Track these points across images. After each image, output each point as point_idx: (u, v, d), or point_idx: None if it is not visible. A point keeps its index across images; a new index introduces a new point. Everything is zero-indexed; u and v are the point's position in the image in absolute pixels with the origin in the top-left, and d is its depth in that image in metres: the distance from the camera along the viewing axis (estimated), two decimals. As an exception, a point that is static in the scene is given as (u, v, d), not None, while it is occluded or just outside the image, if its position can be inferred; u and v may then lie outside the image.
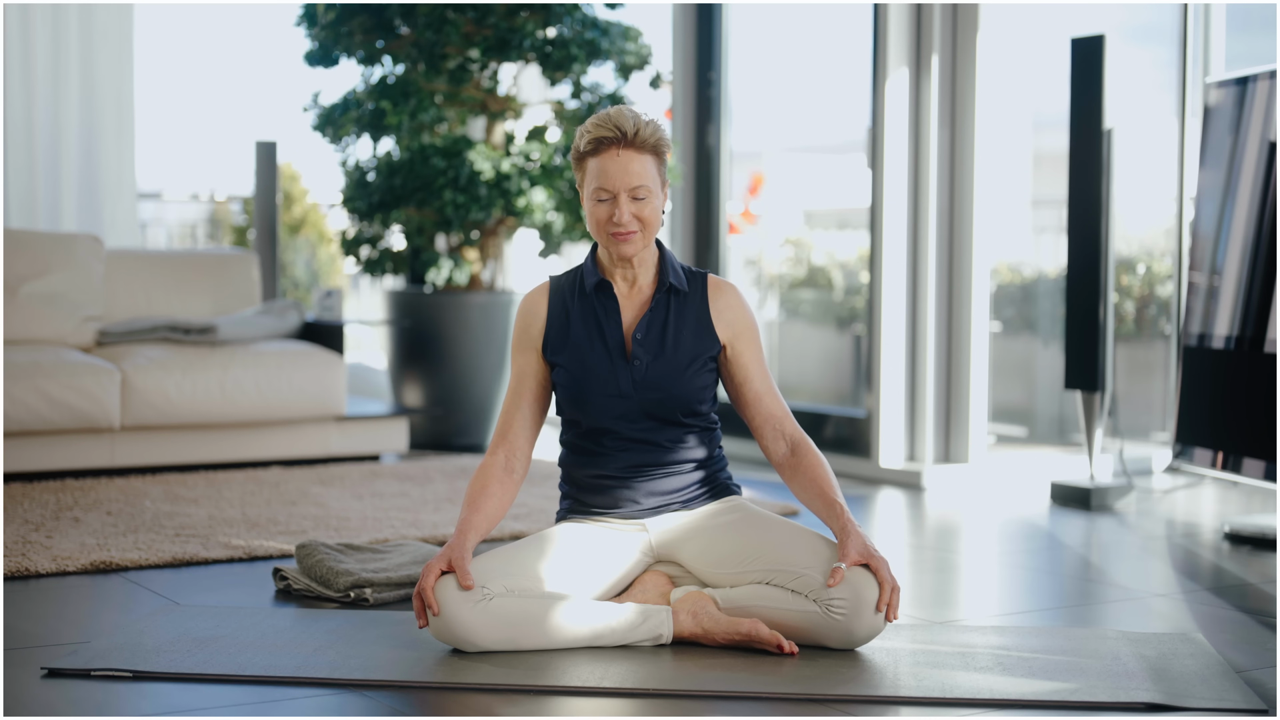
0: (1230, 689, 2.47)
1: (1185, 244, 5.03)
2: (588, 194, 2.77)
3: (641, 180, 2.71)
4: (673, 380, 2.78)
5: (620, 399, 2.77)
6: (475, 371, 5.71)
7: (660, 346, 2.79)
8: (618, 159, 2.71)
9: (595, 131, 2.73)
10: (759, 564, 2.72)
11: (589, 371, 2.78)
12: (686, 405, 2.79)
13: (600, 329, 2.80)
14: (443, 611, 2.58)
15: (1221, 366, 4.16)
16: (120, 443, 4.87)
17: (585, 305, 2.82)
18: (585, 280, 2.83)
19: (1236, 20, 5.14)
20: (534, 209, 5.57)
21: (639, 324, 2.79)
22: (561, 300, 2.83)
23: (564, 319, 2.82)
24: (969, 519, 4.42)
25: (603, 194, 2.73)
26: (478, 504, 2.74)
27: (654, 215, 2.74)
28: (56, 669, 2.51)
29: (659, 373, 2.78)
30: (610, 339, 2.79)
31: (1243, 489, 4.87)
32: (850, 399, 5.93)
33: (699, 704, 2.40)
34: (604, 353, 2.78)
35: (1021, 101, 5.90)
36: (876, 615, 2.62)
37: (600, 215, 2.74)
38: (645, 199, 2.73)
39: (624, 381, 2.77)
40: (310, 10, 5.82)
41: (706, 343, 2.81)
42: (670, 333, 2.80)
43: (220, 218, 8.26)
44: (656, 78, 5.88)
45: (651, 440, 2.80)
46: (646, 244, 2.77)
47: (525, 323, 2.84)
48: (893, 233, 5.16)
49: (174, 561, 3.50)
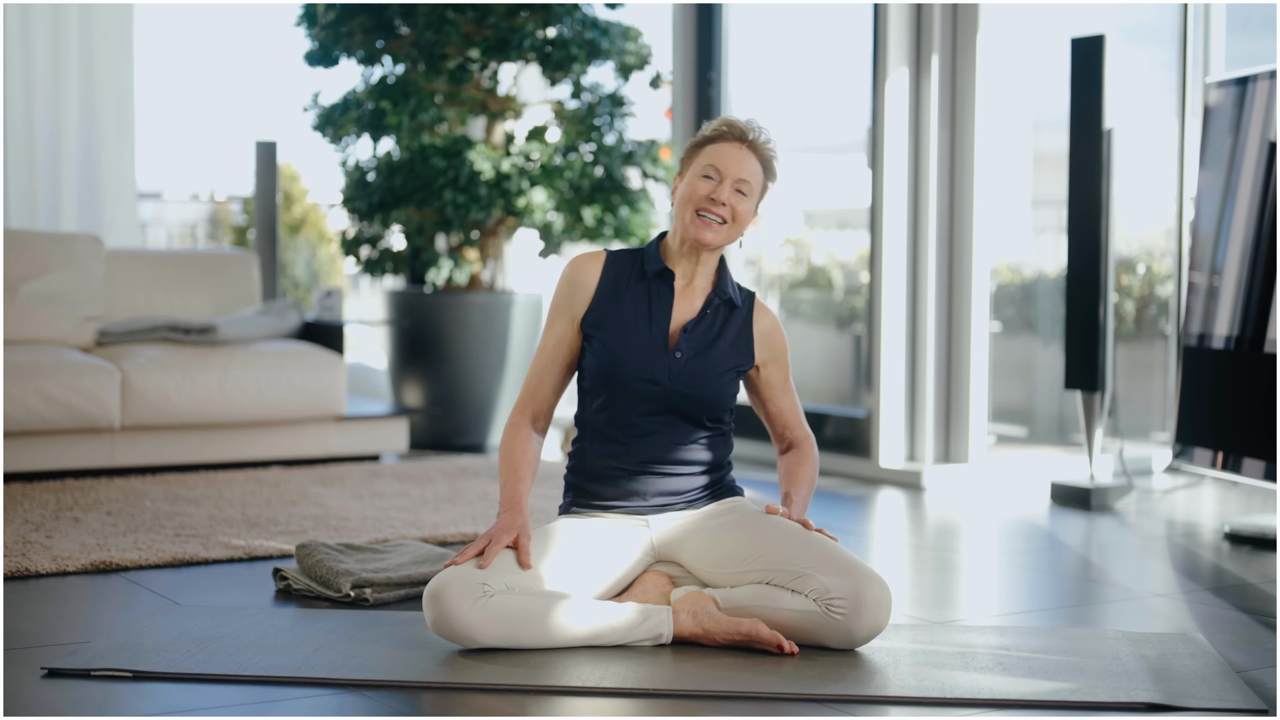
0: (1230, 689, 2.47)
1: (1185, 244, 5.03)
2: (693, 173, 2.82)
3: (750, 177, 2.81)
4: (706, 381, 2.84)
5: (652, 384, 2.82)
6: (475, 371, 5.71)
7: (702, 347, 2.86)
8: (738, 150, 2.81)
9: (724, 122, 2.84)
10: (759, 564, 2.72)
11: (629, 352, 2.82)
12: (713, 409, 2.86)
13: (649, 314, 2.85)
14: (444, 608, 2.59)
15: (1221, 366, 4.16)
16: (120, 443, 4.87)
17: (639, 288, 2.87)
18: (646, 264, 2.87)
19: (1236, 20, 5.14)
20: (534, 209, 5.57)
21: (692, 320, 2.85)
22: (614, 275, 2.87)
23: (614, 295, 2.86)
24: (969, 519, 4.42)
25: (712, 172, 2.81)
26: (520, 471, 2.81)
27: (744, 215, 2.82)
28: (56, 669, 2.51)
29: (695, 370, 2.84)
30: (656, 326, 2.84)
31: (1243, 489, 4.87)
32: (850, 399, 5.93)
33: (699, 704, 2.40)
34: (647, 337, 2.83)
35: (1021, 101, 5.90)
36: (877, 615, 2.63)
37: (700, 190, 2.80)
38: (745, 195, 2.81)
39: (660, 370, 2.82)
40: (310, 10, 5.82)
41: (743, 358, 2.90)
42: (713, 339, 2.87)
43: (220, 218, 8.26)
44: (656, 78, 5.88)
45: (670, 437, 2.84)
46: (723, 242, 2.83)
47: (570, 290, 2.88)
48: (893, 233, 5.16)
49: (174, 561, 3.50)
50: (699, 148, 2.84)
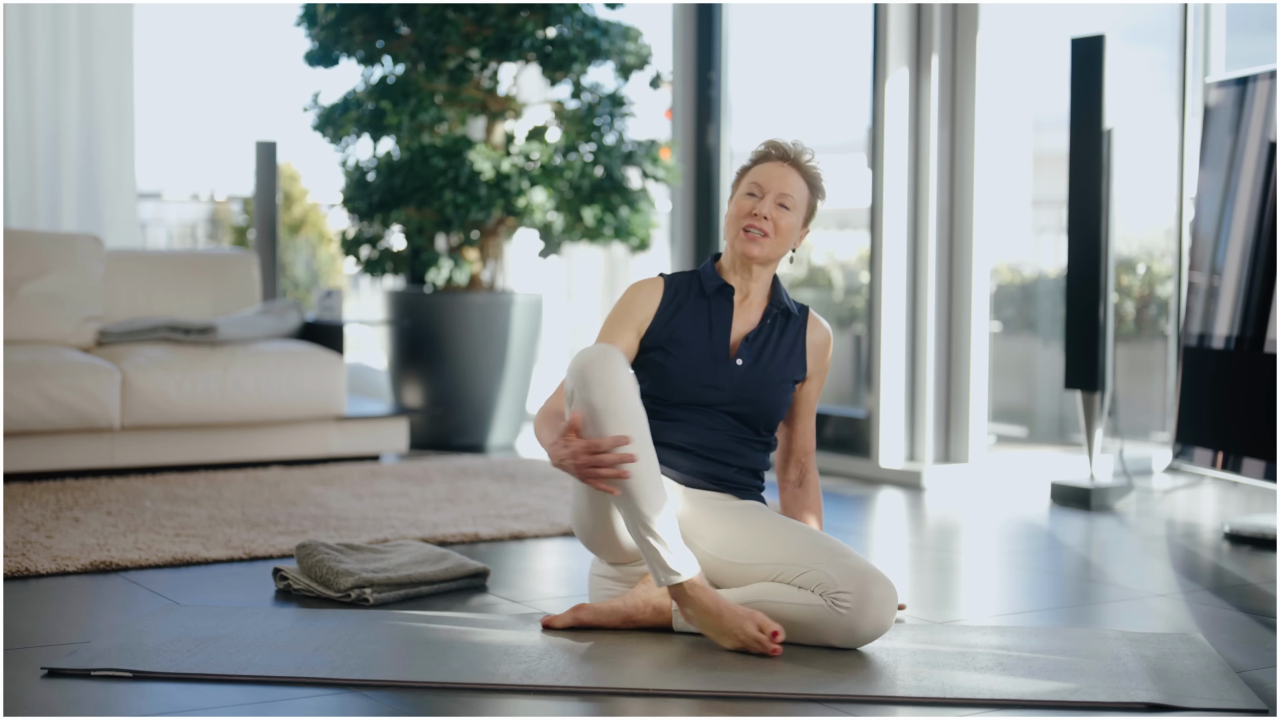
0: (1230, 689, 2.47)
1: (1185, 244, 5.03)
2: (739, 192, 2.93)
3: (791, 192, 2.89)
4: (766, 390, 2.92)
5: (715, 390, 2.88)
6: (475, 371, 5.72)
7: (762, 357, 2.93)
8: (781, 168, 2.91)
9: (767, 146, 2.94)
10: (768, 557, 2.74)
11: (694, 361, 2.89)
12: (770, 417, 2.93)
13: (709, 327, 2.92)
14: (611, 365, 2.63)
15: (1221, 366, 4.16)
16: (120, 443, 4.87)
17: (699, 304, 2.95)
18: (705, 282, 2.96)
19: (1236, 20, 5.14)
20: (534, 209, 5.57)
21: (753, 331, 2.93)
22: (675, 294, 2.96)
23: (674, 311, 2.94)
24: (969, 519, 4.42)
25: (754, 189, 2.90)
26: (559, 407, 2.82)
27: (789, 230, 2.89)
28: (56, 669, 2.51)
29: (756, 378, 2.91)
30: (717, 338, 2.92)
31: (1243, 489, 4.87)
32: (850, 399, 5.93)
33: (699, 704, 2.40)
34: (708, 349, 2.90)
35: (1021, 101, 5.90)
36: (881, 613, 2.63)
37: (744, 206, 2.90)
38: (789, 210, 2.89)
39: (722, 377, 2.89)
40: (310, 10, 5.82)
41: (797, 369, 2.97)
42: (771, 349, 2.94)
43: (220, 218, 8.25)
44: (656, 78, 5.88)
45: (720, 434, 2.90)
46: (771, 256, 2.90)
47: (633, 305, 2.94)
48: (893, 233, 5.16)
49: (174, 561, 3.50)
50: (745, 171, 2.94)
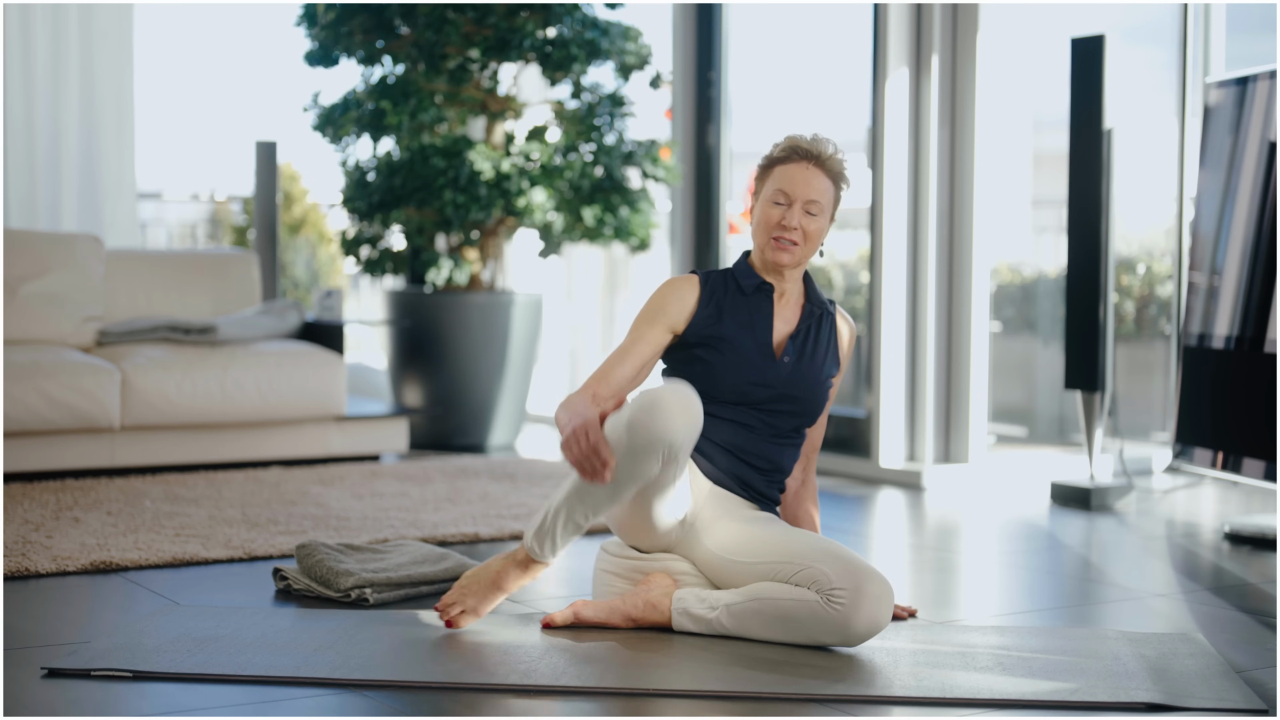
0: (1230, 689, 2.48)
1: (1185, 244, 5.03)
2: (765, 197, 2.90)
3: (818, 197, 2.87)
4: (810, 386, 2.93)
5: (764, 388, 2.88)
6: (475, 371, 5.71)
7: (804, 354, 2.93)
8: (805, 170, 2.88)
9: (790, 143, 2.90)
10: (767, 557, 2.74)
11: (743, 358, 2.88)
12: (812, 413, 2.95)
13: (752, 326, 2.91)
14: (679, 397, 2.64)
15: (1221, 366, 4.16)
16: (120, 443, 4.87)
17: (738, 303, 2.93)
18: (741, 281, 2.94)
19: (1236, 20, 5.14)
20: (534, 209, 5.57)
21: (795, 329, 2.93)
22: (712, 293, 2.93)
23: (715, 311, 2.91)
24: (969, 519, 4.42)
25: (781, 197, 2.88)
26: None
27: (818, 234, 2.89)
28: (56, 669, 2.51)
29: (802, 375, 2.92)
30: (760, 336, 2.91)
31: (1243, 489, 4.87)
32: (850, 399, 5.93)
33: (699, 704, 2.40)
34: (754, 347, 2.90)
35: (1021, 101, 5.90)
36: (876, 610, 2.63)
37: (772, 217, 2.88)
38: (816, 215, 2.88)
39: (771, 375, 2.89)
40: (310, 10, 5.82)
41: (834, 364, 2.99)
42: (812, 346, 2.95)
43: (220, 218, 8.25)
44: (656, 78, 5.88)
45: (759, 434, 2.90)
46: (802, 261, 2.91)
47: (667, 302, 2.91)
48: (893, 233, 5.16)
49: (174, 561, 3.50)
50: (768, 170, 2.92)
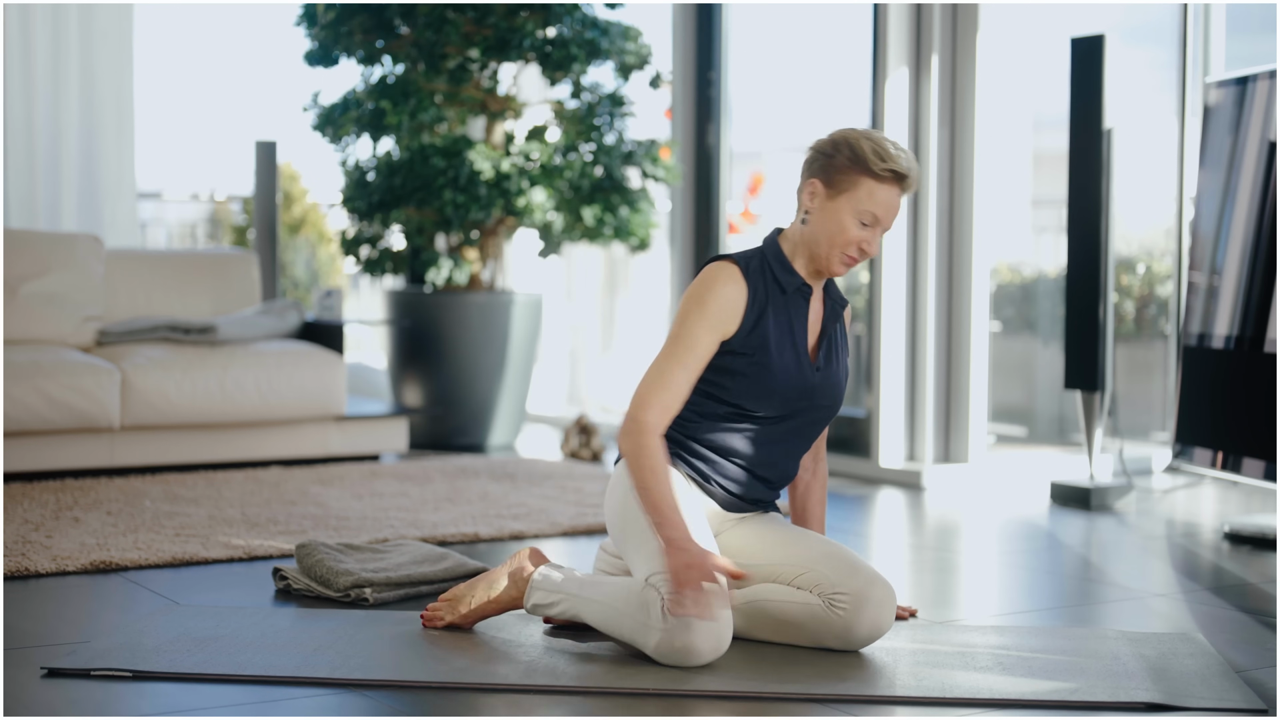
0: (1230, 689, 2.47)
1: (1185, 244, 5.03)
2: (848, 209, 2.71)
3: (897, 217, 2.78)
4: (837, 390, 2.84)
5: (804, 398, 2.79)
6: (475, 371, 5.71)
7: (831, 358, 2.84)
8: (898, 195, 2.73)
9: (896, 164, 2.70)
10: (770, 559, 2.74)
11: (789, 373, 2.77)
12: (834, 415, 2.87)
13: (791, 330, 2.79)
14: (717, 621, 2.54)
15: (1221, 366, 4.16)
16: (120, 443, 4.87)
17: (779, 303, 2.79)
18: (781, 278, 2.79)
19: (1236, 20, 5.14)
20: (534, 209, 5.57)
21: (821, 334, 2.83)
22: (756, 294, 2.78)
23: (760, 312, 2.77)
24: (969, 519, 4.42)
25: (870, 219, 2.72)
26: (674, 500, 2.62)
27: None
28: (56, 669, 2.51)
29: (831, 381, 2.82)
30: (799, 343, 2.79)
31: (1243, 489, 4.87)
32: (850, 399, 5.93)
33: (699, 704, 2.40)
34: (794, 357, 2.78)
35: (1021, 101, 5.90)
36: (879, 615, 2.63)
37: (855, 236, 2.72)
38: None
39: (809, 386, 2.79)
40: (310, 10, 5.82)
41: (848, 358, 2.90)
42: (834, 347, 2.85)
43: (220, 218, 8.25)
44: (656, 78, 5.88)
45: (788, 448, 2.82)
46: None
47: (721, 303, 2.74)
48: (892, 232, 5.16)
49: (174, 561, 3.50)
50: (860, 176, 2.70)
